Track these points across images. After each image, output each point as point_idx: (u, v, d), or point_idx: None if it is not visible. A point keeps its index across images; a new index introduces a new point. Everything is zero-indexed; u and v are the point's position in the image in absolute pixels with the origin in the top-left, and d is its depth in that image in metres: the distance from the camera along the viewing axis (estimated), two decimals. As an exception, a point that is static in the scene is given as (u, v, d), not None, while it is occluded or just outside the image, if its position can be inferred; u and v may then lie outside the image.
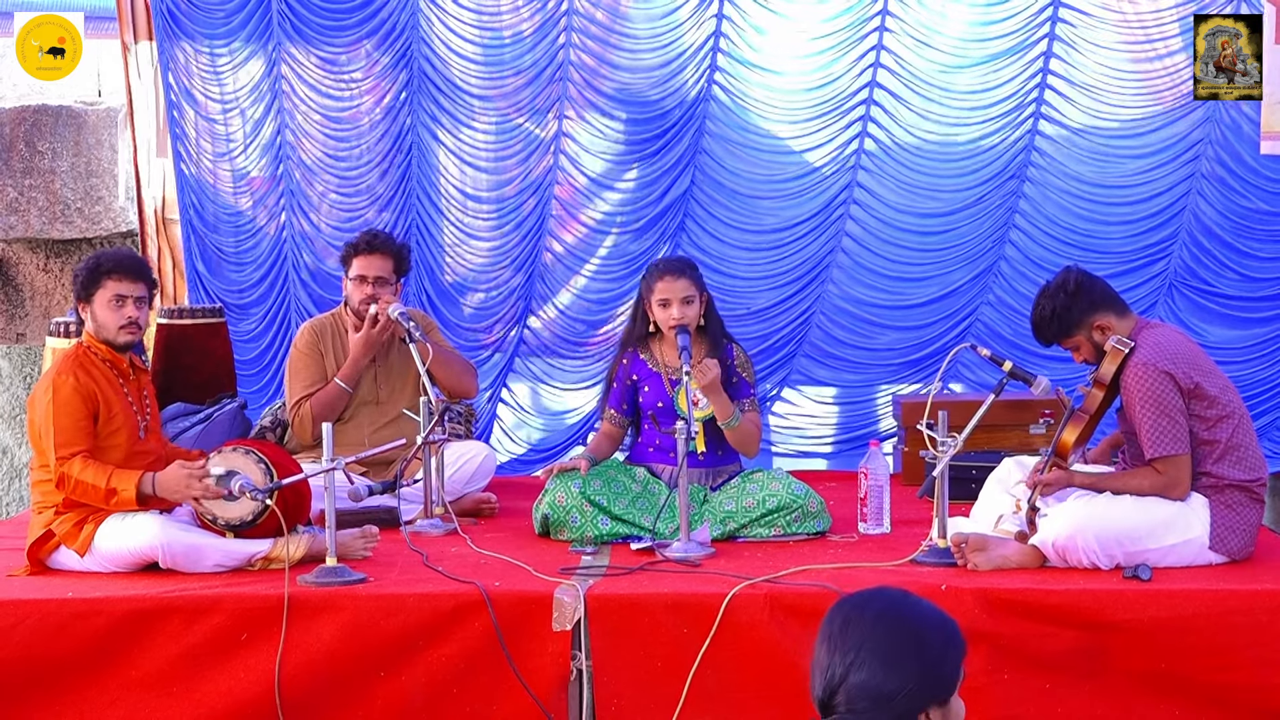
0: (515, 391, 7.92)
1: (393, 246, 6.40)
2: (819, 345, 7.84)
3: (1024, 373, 5.22)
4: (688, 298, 5.79)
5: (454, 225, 7.76)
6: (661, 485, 5.83)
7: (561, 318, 7.82)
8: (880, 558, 5.26)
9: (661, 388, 5.91)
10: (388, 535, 5.66)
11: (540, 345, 7.85)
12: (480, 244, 7.77)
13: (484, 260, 7.77)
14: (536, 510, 5.77)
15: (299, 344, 6.50)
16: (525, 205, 7.72)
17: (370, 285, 6.34)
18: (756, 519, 5.67)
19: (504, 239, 7.75)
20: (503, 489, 6.58)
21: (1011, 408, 6.71)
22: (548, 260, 7.77)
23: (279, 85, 7.67)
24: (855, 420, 7.85)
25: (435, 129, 7.70)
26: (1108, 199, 7.69)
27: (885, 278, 7.82)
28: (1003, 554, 5.05)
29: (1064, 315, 5.17)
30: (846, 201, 7.76)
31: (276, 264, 7.82)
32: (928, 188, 7.73)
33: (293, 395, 6.41)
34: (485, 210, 7.77)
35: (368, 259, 6.36)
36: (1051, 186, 7.69)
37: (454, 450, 6.28)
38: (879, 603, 2.70)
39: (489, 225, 7.76)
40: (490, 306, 7.80)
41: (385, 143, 7.70)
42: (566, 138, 7.74)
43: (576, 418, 7.87)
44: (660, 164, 7.74)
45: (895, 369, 7.82)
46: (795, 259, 7.79)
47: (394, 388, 6.46)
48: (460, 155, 7.73)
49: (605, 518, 5.66)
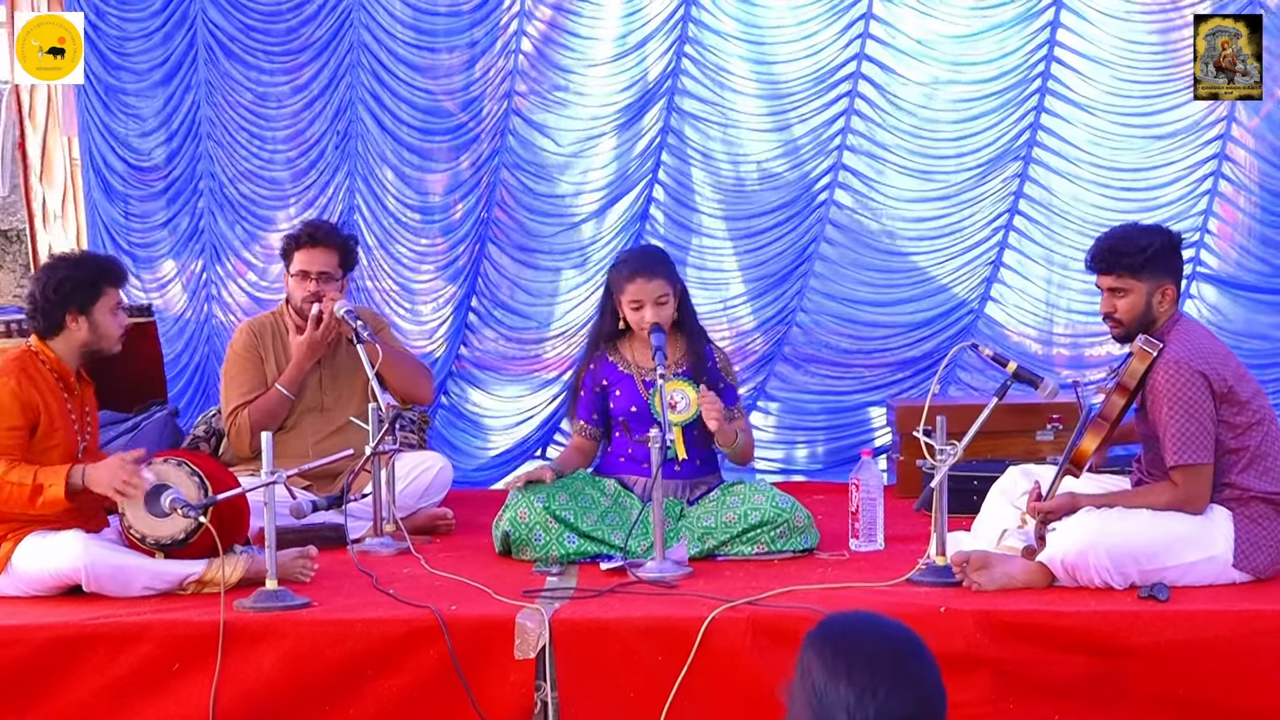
0: (470, 398, 7.92)
1: (337, 238, 6.41)
2: (801, 349, 7.85)
3: (1030, 374, 5.23)
4: (662, 298, 5.81)
5: (392, 216, 7.79)
6: (634, 499, 5.82)
7: (511, 318, 7.85)
8: (873, 577, 5.26)
9: (634, 391, 5.91)
10: (334, 555, 5.65)
11: (486, 353, 7.89)
12: (417, 237, 7.81)
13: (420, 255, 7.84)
14: (496, 527, 5.77)
15: (235, 346, 6.50)
16: (469, 194, 7.76)
17: (313, 281, 6.34)
18: (738, 535, 5.67)
19: (445, 238, 7.81)
20: (460, 503, 6.57)
21: (1016, 412, 6.73)
22: (493, 253, 7.81)
23: (196, 60, 7.70)
24: (844, 426, 7.86)
25: (371, 104, 7.73)
26: (1123, 182, 7.73)
27: (875, 270, 7.83)
28: (1007, 572, 5.06)
29: (1157, 255, 5.14)
30: (831, 187, 7.76)
31: (188, 264, 7.82)
32: (922, 170, 7.75)
33: (229, 402, 6.41)
34: (422, 204, 7.81)
35: (310, 253, 6.36)
36: (1060, 169, 7.72)
37: (407, 461, 6.29)
38: (863, 627, 2.72)
39: (425, 220, 7.80)
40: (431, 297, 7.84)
41: (317, 126, 7.71)
42: (516, 116, 7.74)
43: (529, 427, 7.87)
44: (623, 143, 7.76)
45: (889, 369, 7.82)
46: (774, 253, 7.81)
47: (340, 393, 6.46)
48: (395, 135, 7.77)
49: (572, 535, 5.66)
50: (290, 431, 6.37)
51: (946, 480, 5.19)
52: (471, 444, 7.87)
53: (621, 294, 5.83)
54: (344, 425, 6.34)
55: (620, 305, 5.86)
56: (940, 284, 7.79)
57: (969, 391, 7.73)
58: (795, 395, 7.86)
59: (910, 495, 6.85)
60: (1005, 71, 7.67)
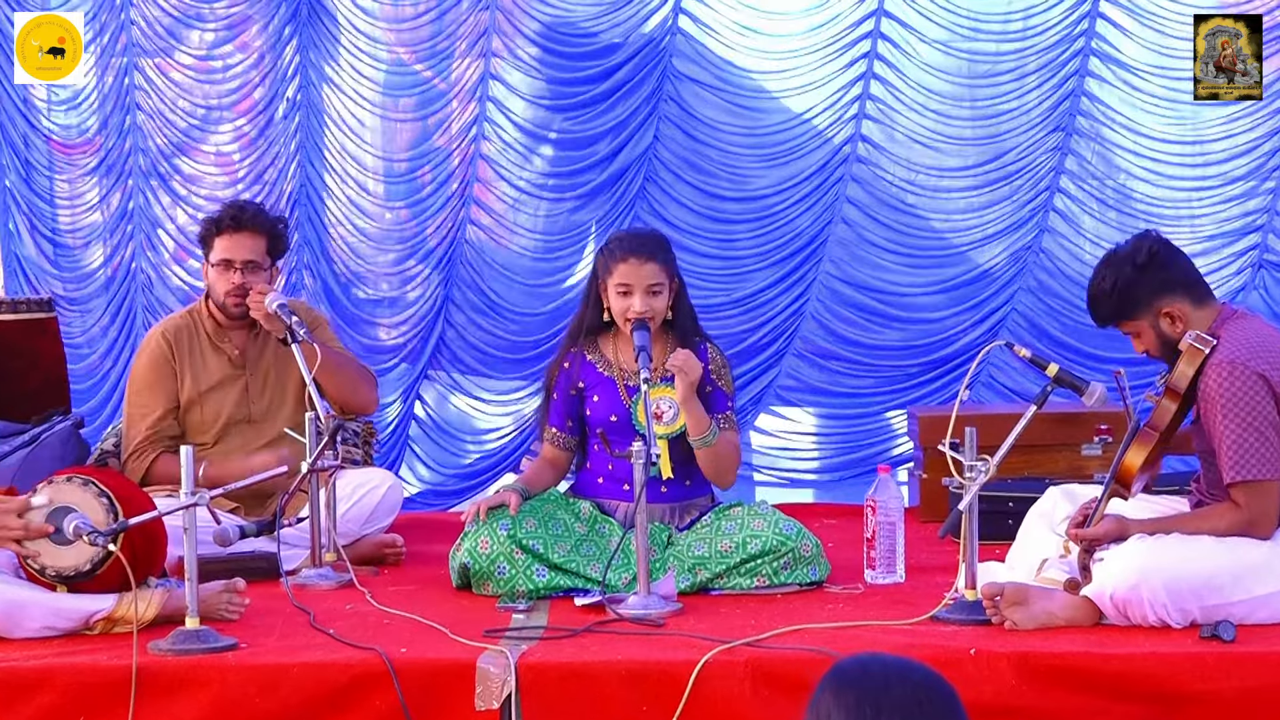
0: (429, 404, 8.02)
1: (264, 221, 6.42)
2: (814, 342, 7.94)
3: (1073, 378, 5.23)
4: (654, 286, 5.80)
5: (349, 198, 7.87)
6: (614, 524, 5.82)
7: (490, 314, 7.95)
8: (892, 614, 5.25)
9: (615, 397, 5.91)
10: (265, 588, 5.65)
11: (464, 350, 8.01)
12: (381, 220, 7.88)
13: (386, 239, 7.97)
14: (454, 557, 5.77)
15: (142, 359, 6.51)
16: (441, 168, 7.81)
17: (238, 272, 6.36)
18: (735, 566, 5.66)
19: (416, 212, 7.86)
20: (412, 529, 6.58)
21: (1059, 423, 6.78)
22: (473, 238, 7.87)
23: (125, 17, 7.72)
24: (859, 438, 7.94)
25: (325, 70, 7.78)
26: (1179, 156, 7.77)
27: (897, 256, 7.92)
28: (1048, 609, 5.06)
29: (1127, 292, 5.20)
30: (848, 160, 7.84)
31: (121, 248, 7.86)
32: (950, 142, 7.85)
33: (133, 434, 6.41)
34: (386, 176, 7.88)
35: (234, 239, 6.37)
36: (1107, 141, 7.78)
37: (350, 480, 6.30)
38: (888, 670, 2.71)
39: (392, 195, 7.86)
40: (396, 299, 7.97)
41: (262, 91, 7.71)
42: (495, 80, 7.77)
43: (503, 439, 7.97)
44: (611, 116, 7.80)
45: (910, 373, 7.90)
46: (783, 234, 7.91)
47: (270, 401, 6.47)
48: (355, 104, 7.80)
49: (541, 567, 5.66)
50: (214, 447, 6.38)
51: (977, 502, 5.17)
52: (445, 457, 8.02)
53: (608, 276, 5.81)
54: (276, 438, 6.33)
55: (605, 291, 5.85)
56: (973, 272, 7.90)
57: (1003, 398, 7.79)
58: (806, 396, 7.99)
59: (935, 519, 6.83)
60: (1043, 29, 7.73)
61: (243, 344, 6.51)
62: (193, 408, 6.44)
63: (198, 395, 6.44)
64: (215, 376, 6.47)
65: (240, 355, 6.50)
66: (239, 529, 5.35)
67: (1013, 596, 5.07)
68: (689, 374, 5.65)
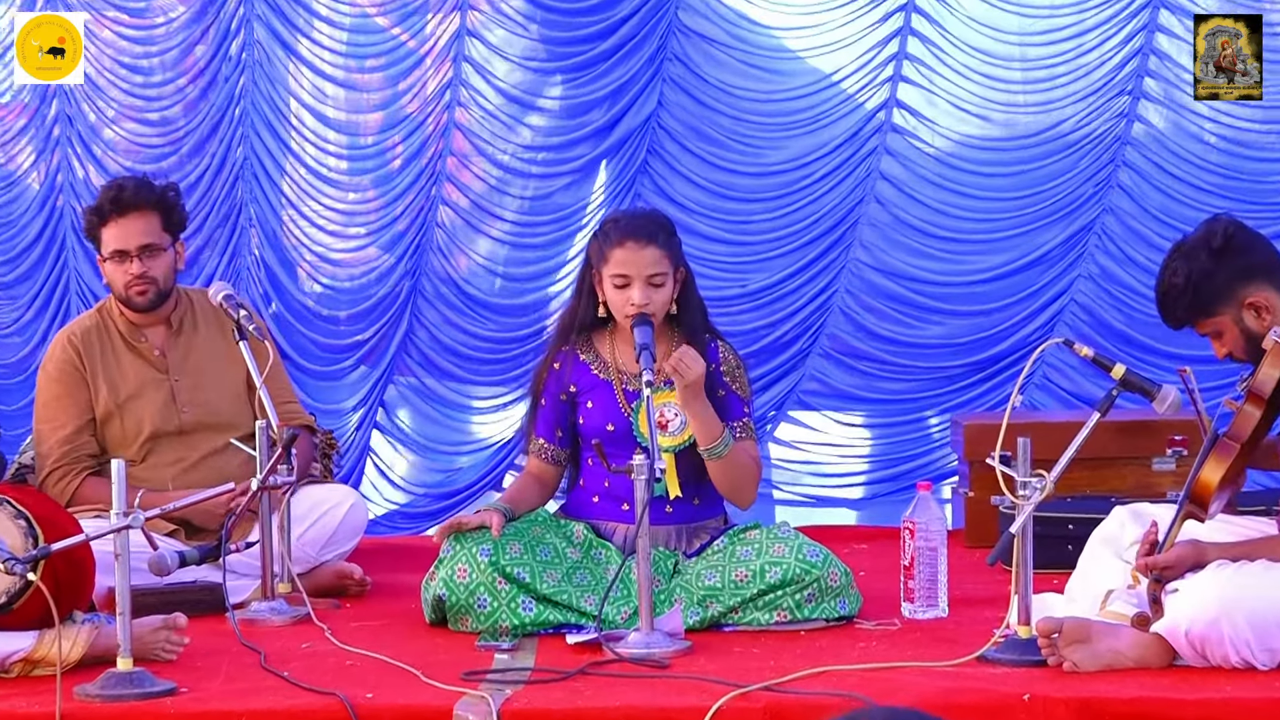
0: (395, 413, 8.00)
1: (150, 195, 6.42)
2: (843, 340, 7.92)
3: (1142, 381, 5.24)
4: (656, 276, 5.79)
5: (304, 174, 7.94)
6: (611, 550, 5.83)
7: (466, 309, 7.93)
8: (933, 654, 5.26)
9: (613, 402, 5.91)
10: (209, 624, 5.66)
11: (435, 351, 8.00)
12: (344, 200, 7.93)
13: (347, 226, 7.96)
14: (427, 588, 5.77)
15: (49, 369, 6.51)
16: (413, 139, 7.80)
17: (135, 260, 6.37)
18: (752, 599, 5.66)
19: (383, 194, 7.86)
20: (378, 555, 6.63)
21: (1126, 433, 6.82)
22: (446, 221, 7.94)
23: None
24: (894, 451, 7.95)
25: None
26: (1263, 125, 7.78)
27: (938, 240, 7.93)
28: (1113, 647, 5.05)
29: (1203, 285, 5.21)
30: (882, 129, 7.84)
31: (48, 228, 7.89)
32: (1000, 107, 7.84)
33: (45, 454, 6.41)
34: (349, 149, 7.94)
35: (121, 225, 6.38)
36: (1180, 105, 7.77)
37: (306, 499, 6.30)
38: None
39: (356, 171, 7.91)
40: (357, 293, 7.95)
41: (205, 48, 7.73)
42: (474, 38, 7.79)
43: (485, 452, 7.95)
44: (608, 80, 7.78)
45: (953, 375, 7.90)
46: (807, 214, 7.88)
47: (204, 408, 6.48)
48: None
49: (528, 599, 5.65)
50: (142, 463, 6.36)
51: (1031, 524, 5.16)
52: (416, 473, 8.04)
53: (604, 265, 5.81)
54: (214, 452, 6.38)
55: (600, 282, 5.85)
56: (1025, 257, 7.88)
57: (1062, 403, 7.80)
58: (833, 402, 8.00)
59: (983, 544, 6.84)
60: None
61: (163, 342, 6.51)
62: (111, 420, 6.43)
63: (116, 406, 6.43)
64: (134, 382, 6.46)
65: (161, 356, 6.49)
66: (178, 556, 5.32)
67: (1073, 633, 5.05)
68: (684, 375, 5.64)
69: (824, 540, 5.93)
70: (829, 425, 8.01)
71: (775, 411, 7.95)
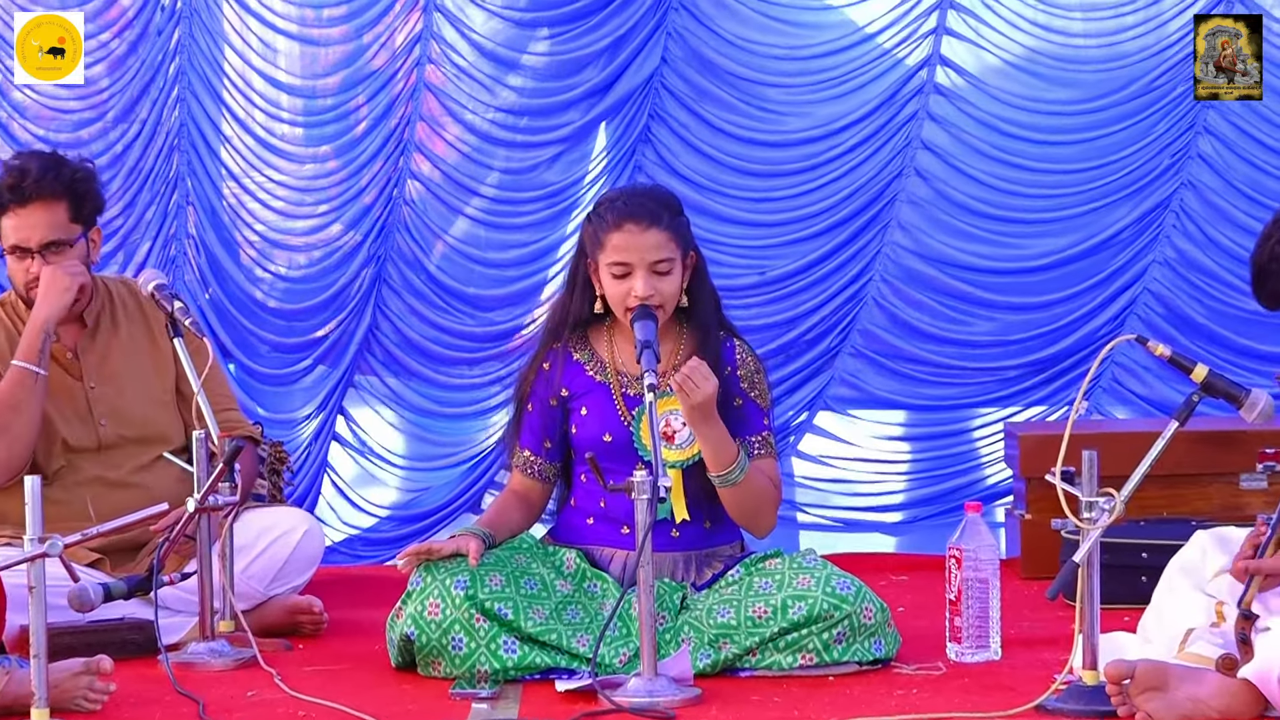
0: (356, 420, 8.04)
1: (56, 182, 6.41)
2: (878, 337, 8.02)
3: (1228, 384, 5.26)
4: (661, 263, 5.80)
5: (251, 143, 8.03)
6: (608, 582, 5.84)
7: (439, 301, 8.05)
8: (984, 703, 5.29)
9: (611, 409, 5.94)
10: (139, 668, 5.73)
11: (402, 348, 8.09)
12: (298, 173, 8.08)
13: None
14: (393, 627, 5.77)
15: None
16: (379, 100, 7.97)
17: (37, 258, 6.39)
18: (772, 638, 5.65)
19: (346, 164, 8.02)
20: (336, 589, 6.76)
21: (1209, 445, 6.97)
22: (415, 197, 8.04)
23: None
24: (939, 466, 8.05)
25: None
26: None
27: (988, 220, 8.05)
28: (1195, 695, 5.03)
29: None
30: (923, 91, 7.92)
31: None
32: (1061, 65, 7.97)
33: None
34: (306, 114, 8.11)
35: (20, 217, 6.40)
36: (1272, 61, 7.88)
37: (253, 523, 6.35)
38: None
39: (313, 140, 8.06)
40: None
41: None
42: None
43: (461, 467, 8.06)
44: (604, 32, 7.89)
45: (1007, 378, 8.02)
46: (836, 190, 7.97)
47: (127, 417, 6.49)
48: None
49: (511, 639, 5.65)
50: (57, 483, 6.36)
51: (1099, 551, 5.13)
52: (380, 492, 8.14)
53: (600, 251, 5.83)
54: (144, 466, 6.41)
55: (597, 270, 5.86)
56: (1091, 240, 8.00)
57: (1134, 410, 7.94)
58: (867, 410, 8.11)
59: (1041, 575, 6.95)
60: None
61: (75, 342, 6.52)
62: (17, 431, 6.49)
63: None
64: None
65: (74, 358, 6.51)
66: (103, 589, 5.46)
67: (1147, 679, 5.03)
68: (691, 395, 5.62)
69: (856, 570, 5.92)
70: (862, 436, 8.10)
71: (800, 420, 8.04)
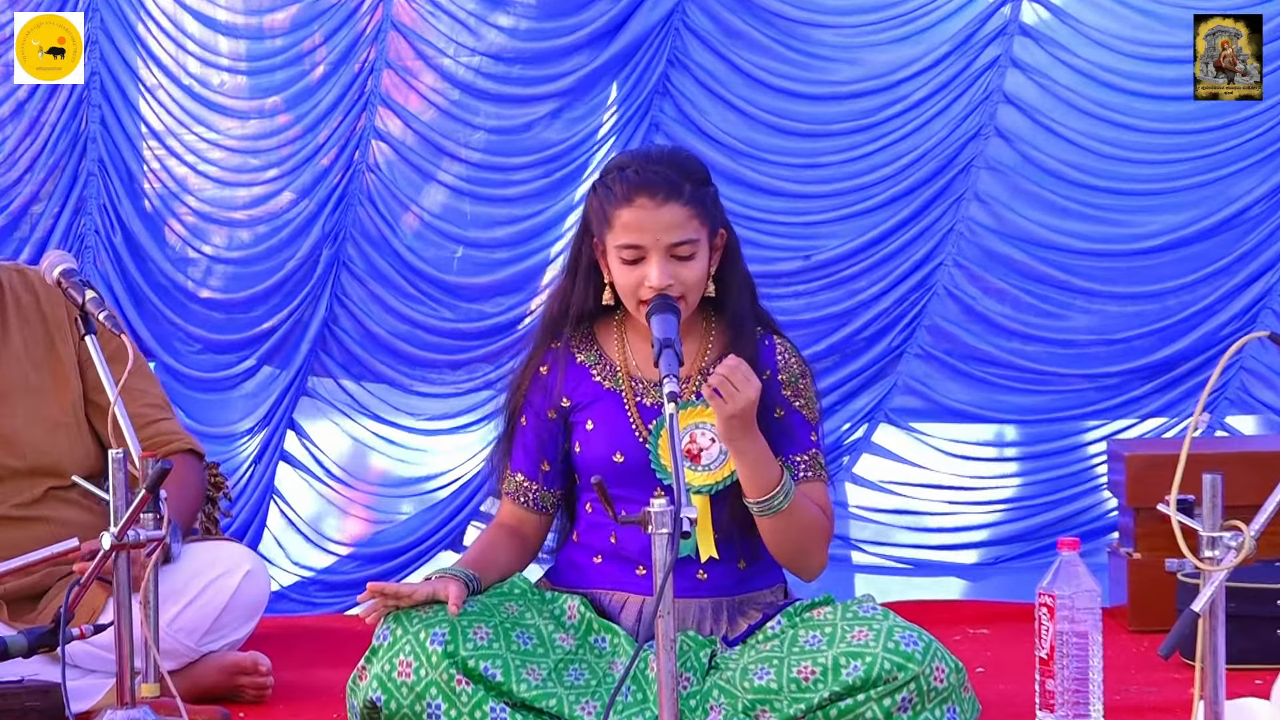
0: (310, 436, 8.08)
1: None
2: (950, 335, 8.13)
3: None
4: (682, 245, 5.74)
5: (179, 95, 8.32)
6: (620, 635, 5.78)
7: (410, 290, 8.20)
8: None
9: (623, 423, 5.92)
10: None
11: (364, 346, 8.28)
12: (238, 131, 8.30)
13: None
14: (355, 691, 5.69)
15: None
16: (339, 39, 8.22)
17: None
18: (821, 706, 5.55)
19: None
20: (285, 643, 6.90)
21: None
22: (379, 162, 8.21)
23: None
24: (1026, 494, 8.13)
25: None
26: None
27: (1086, 191, 8.13)
28: None
29: None
30: (1007, 31, 7.99)
31: None
32: (1175, 5, 8.07)
33: None
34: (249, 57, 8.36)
35: None
36: None
37: (187, 564, 6.36)
38: None
39: (258, 90, 8.31)
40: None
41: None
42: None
43: (440, 494, 8.22)
44: None
45: (1109, 386, 8.08)
46: (897, 155, 8.11)
47: (23, 437, 6.55)
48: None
49: (500, 706, 5.58)
50: None
51: (1224, 599, 4.95)
52: (338, 524, 8.29)
53: (607, 231, 5.78)
54: (43, 497, 6.44)
55: (604, 253, 5.82)
56: (1213, 217, 8.08)
57: (1267, 423, 8.09)
58: (937, 425, 8.23)
59: (1153, 629, 7.03)
60: None
61: None
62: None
63: None
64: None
65: None
66: (0, 644, 5.48)
67: None
68: (729, 402, 5.54)
69: (925, 622, 5.86)
70: (930, 457, 8.16)
71: (855, 437, 8.11)
